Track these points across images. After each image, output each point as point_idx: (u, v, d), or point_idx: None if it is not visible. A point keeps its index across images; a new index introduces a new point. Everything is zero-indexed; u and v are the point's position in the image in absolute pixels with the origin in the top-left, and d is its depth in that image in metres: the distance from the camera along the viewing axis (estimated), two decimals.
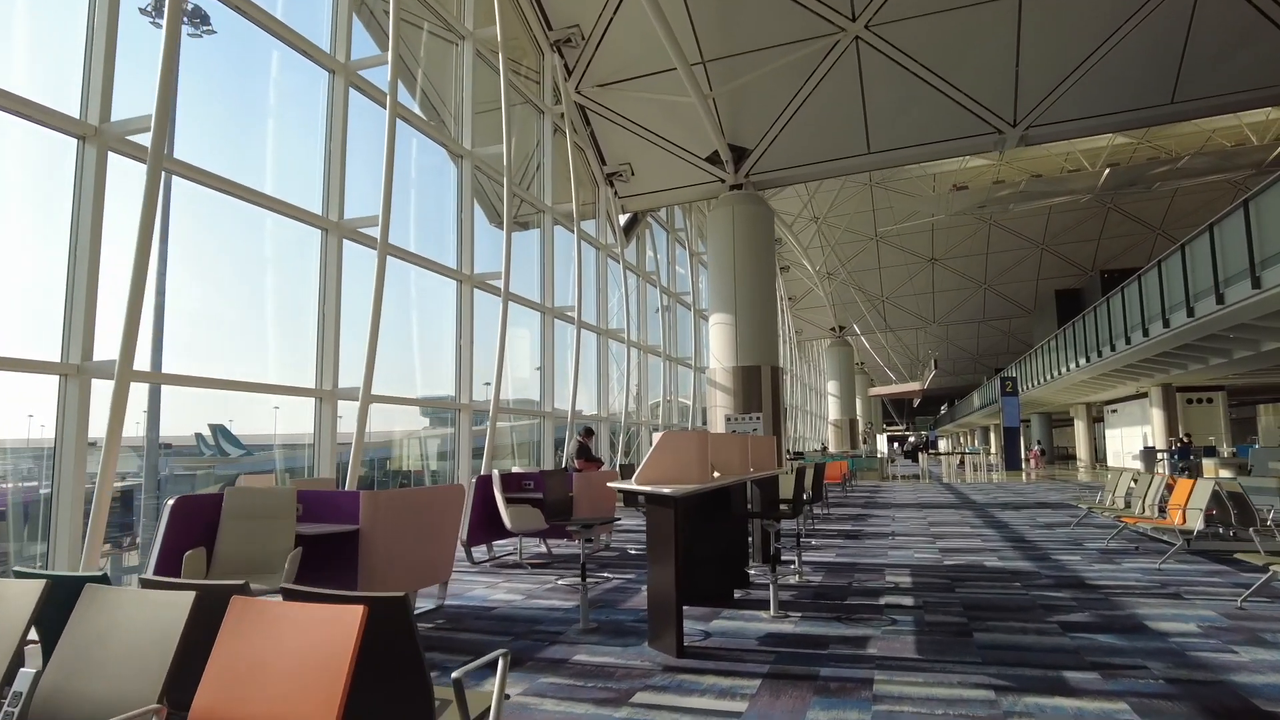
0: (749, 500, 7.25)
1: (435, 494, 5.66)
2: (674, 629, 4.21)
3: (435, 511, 5.58)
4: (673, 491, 4.13)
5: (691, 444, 4.69)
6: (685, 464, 4.62)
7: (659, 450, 4.57)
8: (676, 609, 4.21)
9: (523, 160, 13.31)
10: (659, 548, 4.31)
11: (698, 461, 4.67)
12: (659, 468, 4.56)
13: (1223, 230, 12.29)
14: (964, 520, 11.39)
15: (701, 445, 4.72)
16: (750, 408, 14.72)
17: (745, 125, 15.07)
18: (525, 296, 12.08)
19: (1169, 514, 7.50)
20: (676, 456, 4.61)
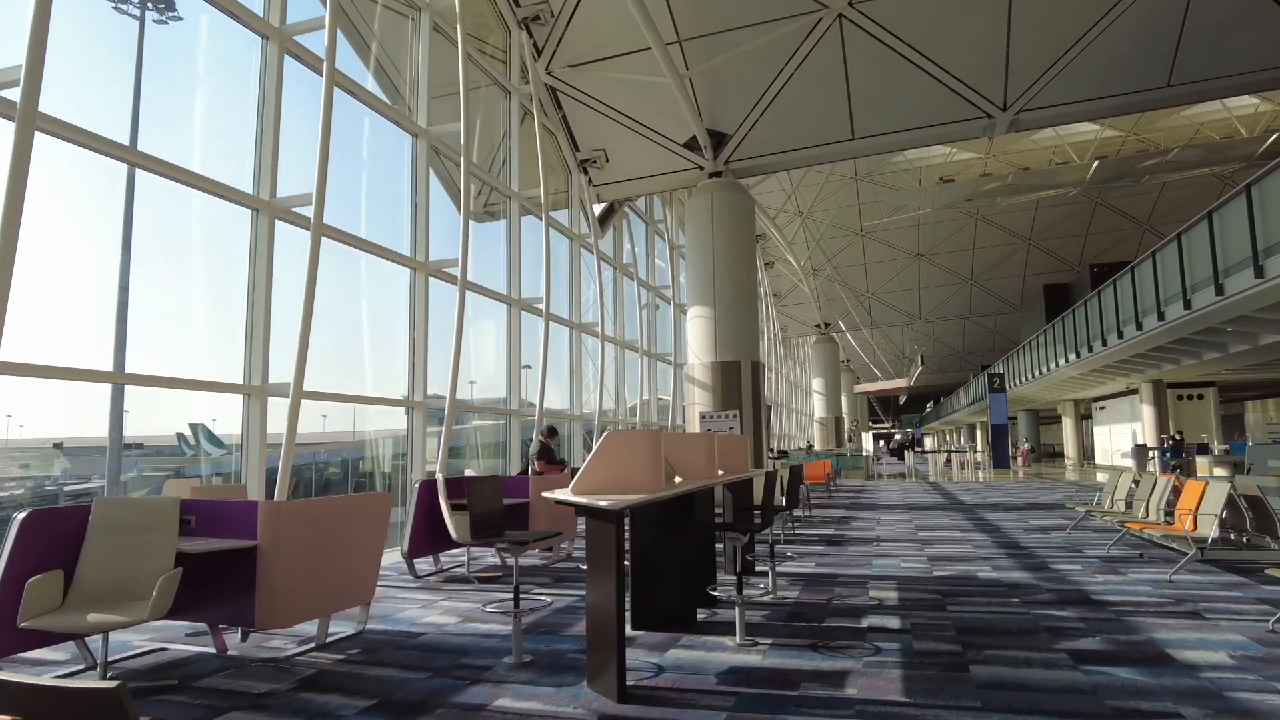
0: (722, 506, 6.57)
1: (354, 503, 4.94)
2: (615, 667, 3.51)
3: (354, 523, 4.86)
4: (610, 504, 3.43)
5: (641, 446, 3.99)
6: (633, 470, 3.93)
7: (601, 454, 3.87)
8: (617, 644, 3.52)
9: (489, 145, 12.56)
10: (598, 570, 3.61)
11: (648, 466, 3.97)
12: (601, 474, 3.86)
13: (1222, 218, 11.72)
14: (953, 523, 10.76)
15: (653, 448, 4.02)
16: (729, 405, 14.06)
17: (724, 109, 14.38)
18: (491, 288, 11.35)
19: (1177, 519, 6.87)
20: (623, 461, 3.91)
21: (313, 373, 8.82)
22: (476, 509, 4.26)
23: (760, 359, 15.12)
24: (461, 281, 9.64)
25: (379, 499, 5.08)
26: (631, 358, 17.49)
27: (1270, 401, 35.65)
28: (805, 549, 8.43)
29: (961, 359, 50.74)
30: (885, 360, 49.75)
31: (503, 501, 4.61)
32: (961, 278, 39.05)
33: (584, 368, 14.91)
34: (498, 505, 4.46)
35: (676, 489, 4.28)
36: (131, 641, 4.71)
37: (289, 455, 7.02)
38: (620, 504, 3.45)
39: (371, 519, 5.01)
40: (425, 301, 9.63)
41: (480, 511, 4.27)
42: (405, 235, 9.88)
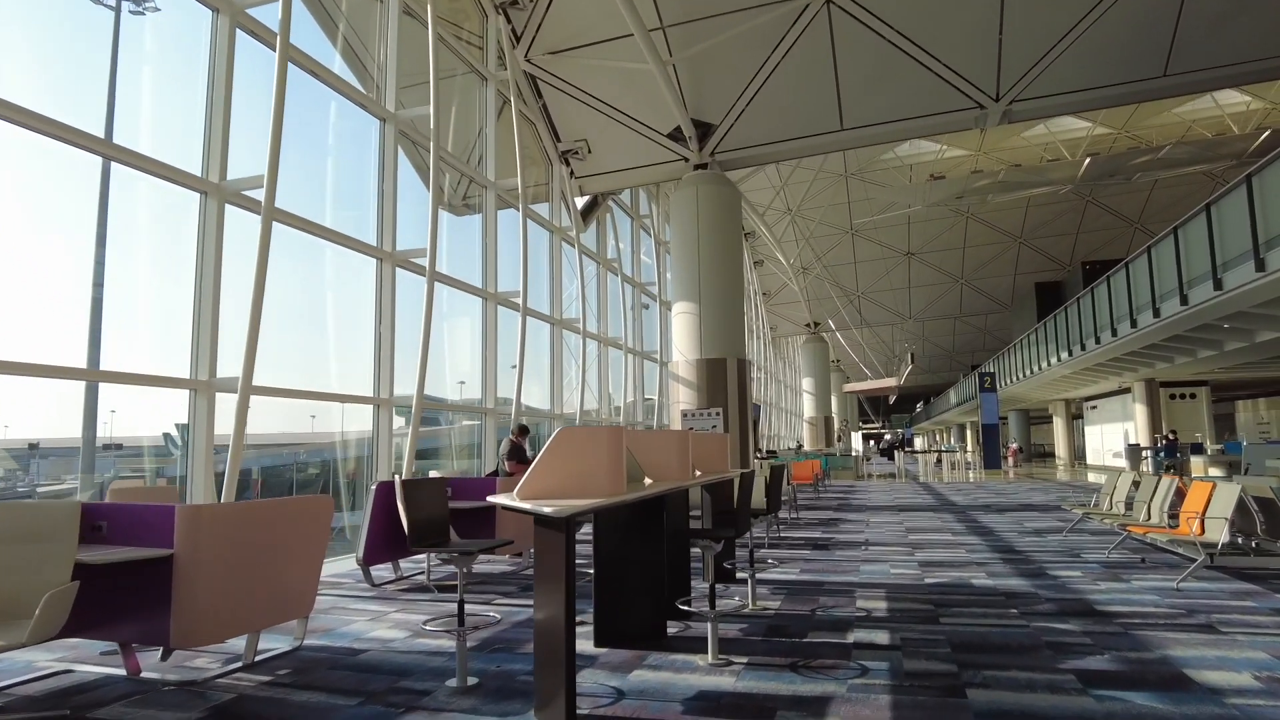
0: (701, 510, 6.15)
1: (289, 507, 4.48)
2: (563, 695, 3.07)
3: (289, 529, 4.40)
4: (556, 510, 2.99)
5: (599, 445, 3.55)
6: (590, 471, 3.49)
7: (552, 453, 3.43)
8: (566, 668, 3.08)
9: (466, 134, 12.10)
10: (545, 585, 3.17)
11: (608, 467, 3.53)
12: (552, 476, 3.41)
13: (1221, 211, 11.37)
14: (944, 526, 10.36)
15: (613, 446, 3.58)
16: (715, 403, 13.64)
17: (710, 99, 13.97)
18: (465, 281, 10.88)
19: (1182, 522, 6.49)
20: (578, 461, 3.47)
21: (273, 368, 8.36)
22: (414, 514, 3.81)
23: (747, 356, 14.71)
24: (430, 272, 9.19)
25: (318, 502, 4.62)
26: (617, 356, 17.06)
27: (1261, 401, 35.50)
28: (790, 553, 8.01)
29: (951, 359, 50.54)
30: (875, 360, 49.52)
31: (448, 506, 4.15)
32: (952, 276, 38.78)
33: (567, 366, 14.46)
34: (440, 510, 4.01)
35: (643, 491, 3.85)
36: (36, 662, 4.24)
37: (237, 455, 6.56)
38: (569, 510, 3.01)
39: (310, 524, 4.56)
40: (392, 293, 9.16)
41: (419, 517, 3.81)
42: (373, 224, 9.41)
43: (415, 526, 3.75)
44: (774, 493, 5.52)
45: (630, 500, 3.58)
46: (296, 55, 7.81)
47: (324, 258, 9.25)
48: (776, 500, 5.64)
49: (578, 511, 3.03)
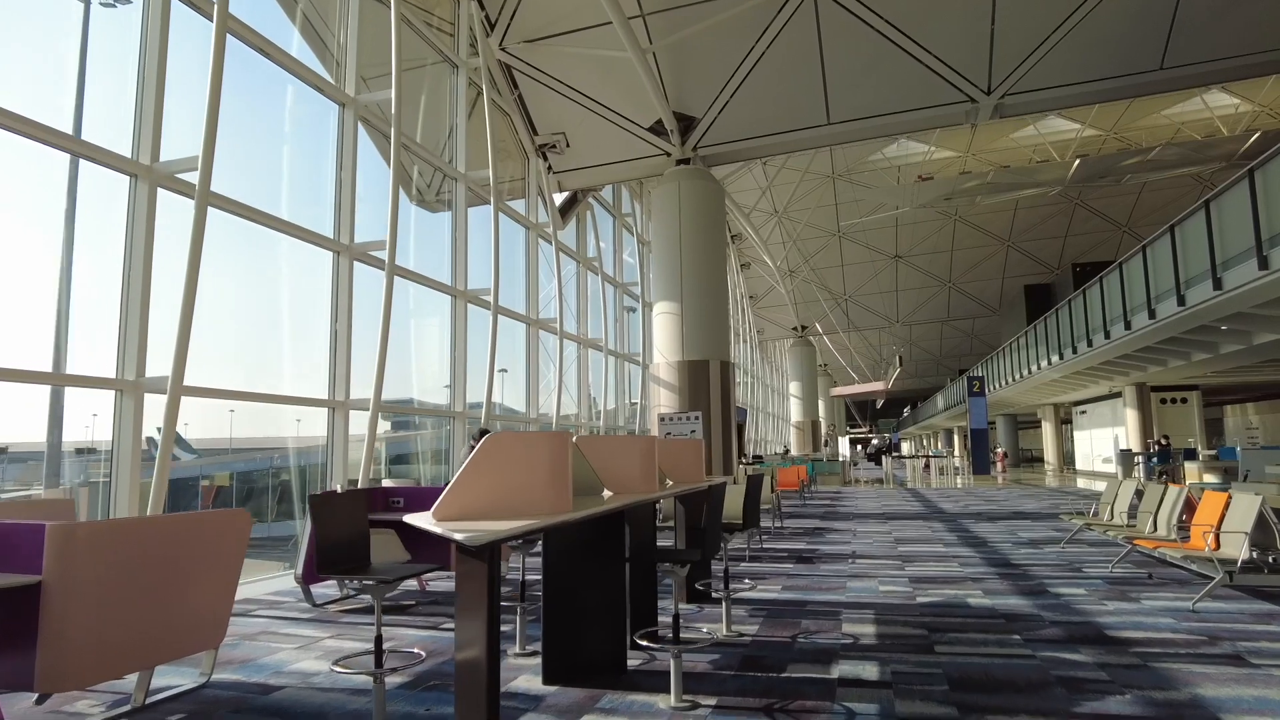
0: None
1: (194, 524, 3.90)
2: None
3: (193, 549, 3.82)
4: (470, 538, 2.43)
5: (538, 455, 3.00)
6: (527, 485, 2.94)
7: (478, 465, 2.88)
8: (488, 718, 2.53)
9: (437, 124, 11.53)
10: (466, 622, 2.61)
11: (549, 480, 2.99)
12: (478, 491, 2.86)
13: (1221, 208, 10.95)
14: (935, 536, 9.86)
15: (555, 457, 3.03)
16: (697, 407, 13.11)
17: (692, 91, 13.46)
18: (432, 277, 10.31)
19: (1193, 535, 6.00)
20: (512, 474, 2.92)
21: (221, 368, 7.78)
22: (325, 534, 3.24)
23: (730, 359, 14.20)
24: (389, 265, 8.62)
25: (231, 517, 4.04)
26: (599, 358, 16.51)
27: (1250, 406, 35.30)
28: (772, 568, 7.48)
29: (939, 363, 50.27)
30: (863, 364, 49.12)
31: (367, 522, 3.58)
32: (940, 280, 38.45)
33: (546, 368, 13.89)
34: (356, 529, 3.44)
35: (595, 508, 3.30)
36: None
37: (164, 464, 5.98)
38: (489, 535, 2.45)
39: (222, 542, 3.98)
40: (349, 289, 8.58)
41: (330, 538, 3.24)
42: (347, 217, 8.82)
43: (324, 549, 3.18)
44: (751, 506, 4.98)
45: (576, 520, 3.03)
46: (240, 29, 7.24)
47: (279, 251, 8.67)
48: (754, 514, 5.09)
49: (503, 536, 2.48)
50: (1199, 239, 11.42)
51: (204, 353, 7.86)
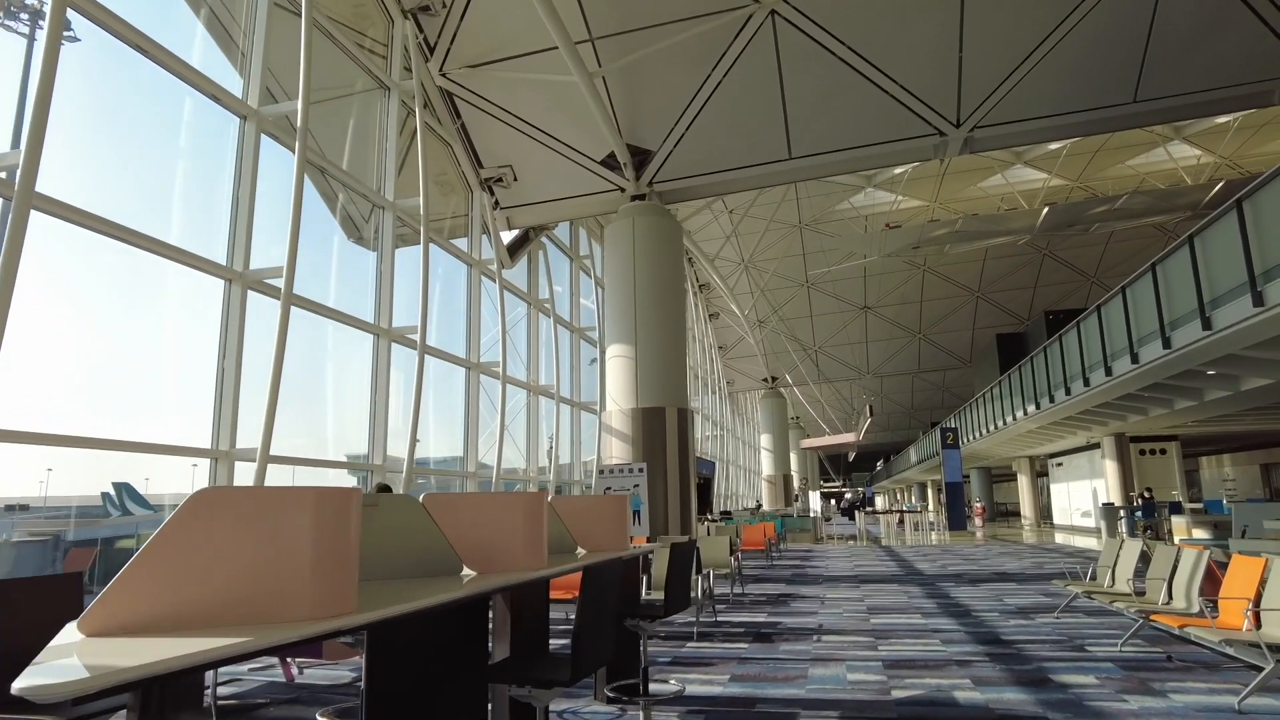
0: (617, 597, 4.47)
1: None
2: None
3: None
4: (37, 689, 1.32)
5: (286, 522, 1.89)
6: (269, 573, 1.83)
7: (164, 542, 1.76)
8: None
9: (368, 151, 10.58)
10: None
11: (315, 562, 1.88)
12: (166, 584, 1.75)
13: (1207, 243, 10.23)
14: (912, 603, 8.75)
15: (327, 524, 1.93)
16: (653, 457, 12.02)
17: (646, 122, 12.69)
18: (350, 314, 9.22)
19: (1222, 610, 4.98)
20: (237, 555, 1.81)
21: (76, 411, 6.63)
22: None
23: (689, 405, 13.16)
24: (285, 294, 7.51)
25: None
26: (558, 408, 15.38)
27: (1226, 457, 34.86)
28: (723, 649, 6.32)
29: (910, 416, 49.69)
30: (835, 417, 48.34)
31: None
32: (909, 331, 38.04)
33: (490, 417, 12.72)
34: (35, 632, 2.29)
35: (392, 608, 2.19)
36: None
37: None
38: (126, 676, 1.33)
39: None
40: (240, 321, 7.46)
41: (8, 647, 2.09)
42: (260, 247, 7.75)
43: None
44: (677, 583, 3.86)
45: (352, 628, 1.92)
46: (108, 19, 6.24)
47: (165, 280, 7.56)
48: (681, 594, 3.97)
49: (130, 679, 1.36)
50: (1184, 277, 10.68)
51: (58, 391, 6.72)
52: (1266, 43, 11.38)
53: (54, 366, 6.69)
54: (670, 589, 3.73)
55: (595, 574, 2.73)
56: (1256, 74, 11.76)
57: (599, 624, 2.71)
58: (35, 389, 6.33)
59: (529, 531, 3.22)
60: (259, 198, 7.79)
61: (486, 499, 3.40)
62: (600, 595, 2.72)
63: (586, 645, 2.57)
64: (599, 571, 2.73)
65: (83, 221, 5.83)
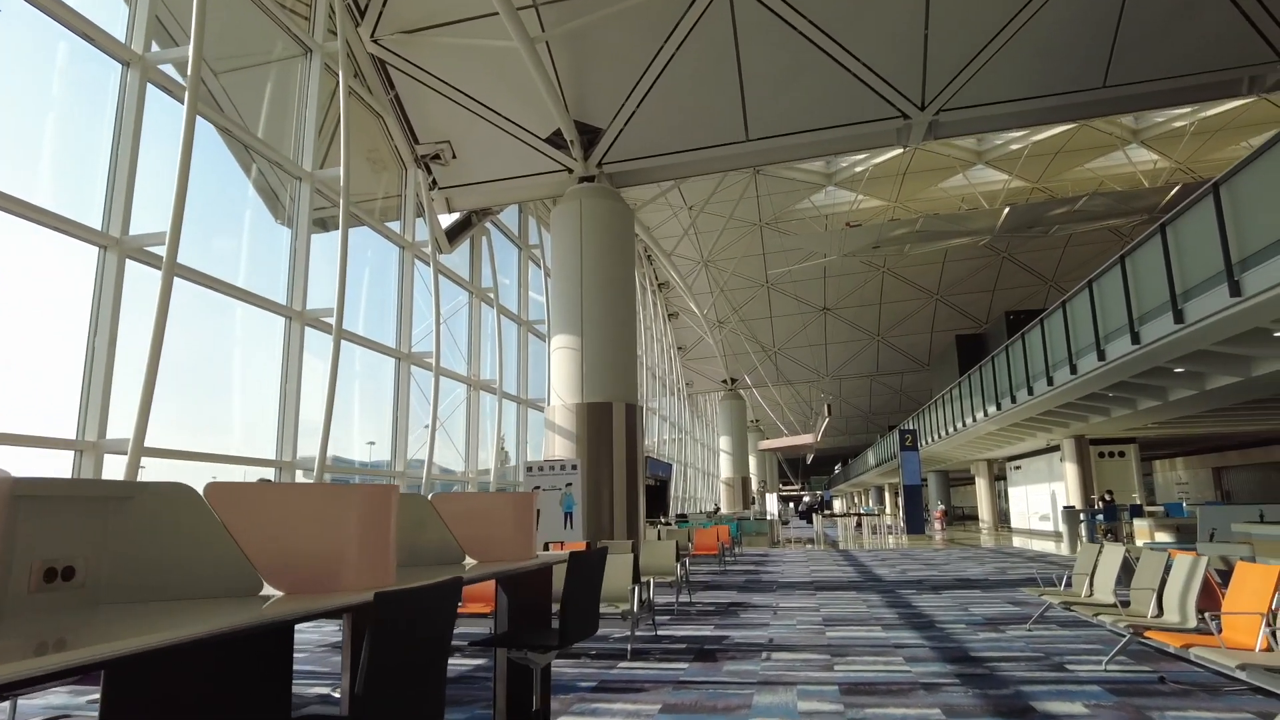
0: (504, 615, 3.65)
1: None
2: None
3: None
4: None
5: None
6: None
7: None
8: None
9: (283, 115, 9.61)
10: None
11: None
12: None
13: (1179, 232, 9.75)
14: (872, 614, 8.05)
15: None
16: (599, 455, 11.23)
17: (595, 98, 11.89)
18: (257, 292, 8.26)
19: (1226, 626, 4.33)
20: None
21: None
22: None
23: (639, 402, 12.39)
24: (168, 263, 6.55)
25: None
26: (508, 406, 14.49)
27: (1179, 460, 35.14)
28: (658, 670, 5.52)
29: (868, 420, 49.56)
30: (794, 419, 48.00)
31: None
32: (869, 333, 37.80)
33: (424, 413, 11.78)
34: None
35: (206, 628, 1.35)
36: None
37: None
38: None
39: None
40: (116, 294, 6.49)
41: None
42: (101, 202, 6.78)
43: None
44: (577, 605, 3.02)
45: None
46: None
47: (32, 247, 6.56)
48: (583, 618, 3.12)
49: None
50: (1155, 269, 10.19)
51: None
52: (1237, 29, 11.00)
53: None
54: (568, 611, 2.90)
55: (421, 597, 1.92)
56: (1226, 61, 11.38)
57: (403, 668, 1.88)
58: None
59: (370, 535, 2.39)
60: (160, 164, 6.84)
61: (314, 492, 2.56)
62: (404, 626, 1.90)
63: (384, 687, 1.74)
64: (406, 600, 1.90)
65: None
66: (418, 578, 2.93)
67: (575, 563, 2.97)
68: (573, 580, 2.93)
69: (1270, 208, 7.94)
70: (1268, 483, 29.54)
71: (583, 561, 3.02)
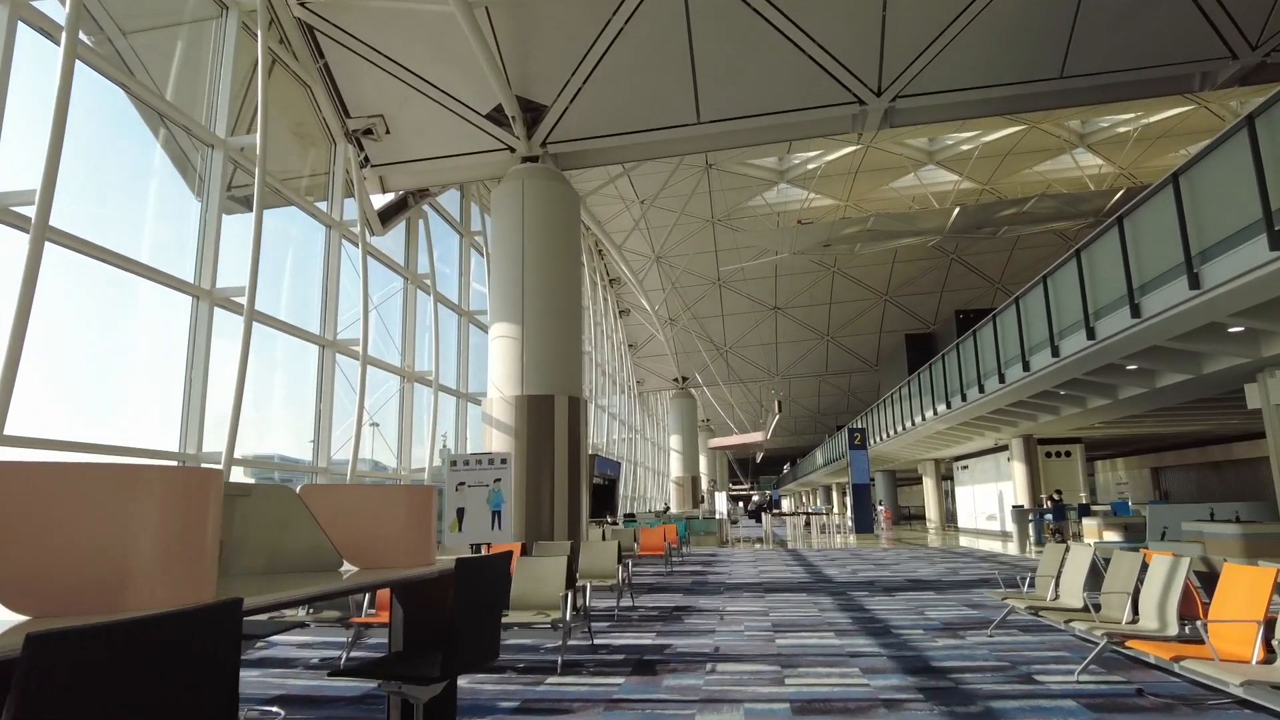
0: (399, 634, 3.02)
1: None
2: None
3: None
4: None
5: None
6: None
7: None
8: None
9: (195, 76, 8.78)
10: None
11: None
12: None
13: (1137, 225, 9.52)
14: (823, 619, 7.59)
15: None
16: (540, 451, 10.62)
17: (539, 73, 11.25)
18: (154, 266, 7.44)
19: (1212, 635, 3.91)
20: None
21: None
22: None
23: (584, 395, 11.80)
24: (37, 226, 5.74)
25: None
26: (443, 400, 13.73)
27: (1119, 460, 35.80)
28: (590, 687, 4.94)
29: (817, 420, 49.70)
30: (744, 418, 47.88)
31: None
32: (818, 333, 37.79)
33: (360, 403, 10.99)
34: None
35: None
36: None
37: None
38: None
39: None
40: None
41: None
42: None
43: None
44: (472, 626, 2.39)
45: None
46: None
47: None
48: (477, 641, 2.50)
49: None
50: (1112, 263, 9.97)
51: None
52: (1193, 24, 10.88)
53: None
54: (457, 633, 2.28)
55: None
56: (1181, 56, 11.28)
57: None
58: None
59: (177, 545, 1.75)
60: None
61: (81, 475, 1.91)
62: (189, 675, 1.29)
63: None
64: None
65: None
66: (276, 587, 2.32)
67: (466, 572, 2.36)
68: (464, 594, 2.33)
69: (1232, 198, 7.70)
70: (1202, 482, 30.22)
71: (476, 570, 2.42)
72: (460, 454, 9.71)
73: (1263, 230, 7.06)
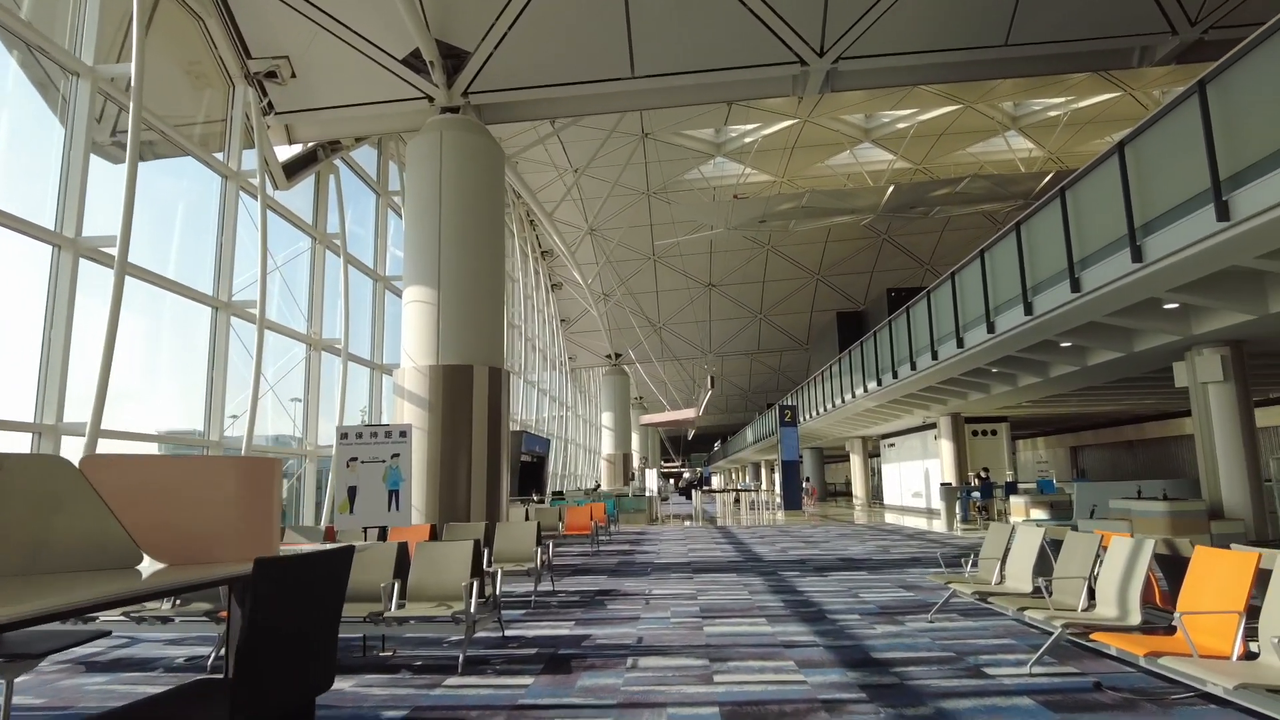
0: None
1: None
2: None
3: None
4: None
5: None
6: None
7: None
8: None
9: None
10: None
11: None
12: None
13: (1078, 196, 9.28)
14: (754, 603, 7.14)
15: None
16: (457, 425, 9.90)
17: (462, 15, 10.37)
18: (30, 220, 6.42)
19: (1188, 627, 3.53)
20: None
21: None
22: None
23: (507, 366, 11.09)
24: None
25: None
26: (358, 372, 12.81)
27: (1040, 440, 36.81)
28: (494, 689, 4.33)
29: (747, 399, 49.86)
30: (678, 396, 47.69)
31: None
32: (751, 311, 37.72)
33: (256, 370, 10.02)
34: None
35: None
36: None
37: None
38: None
39: None
40: None
41: None
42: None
43: None
44: (275, 650, 1.73)
45: None
46: None
47: None
48: (297, 667, 1.86)
49: None
50: (1052, 235, 9.73)
51: None
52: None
53: None
54: (257, 671, 1.61)
55: None
56: (1123, 29, 11.10)
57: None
58: None
59: None
60: None
61: None
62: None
63: None
64: None
65: None
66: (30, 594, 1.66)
67: (264, 575, 1.67)
68: (261, 614, 1.65)
69: (1179, 169, 7.44)
70: (1116, 460, 31.26)
71: (287, 571, 1.74)
72: (351, 425, 8.87)
73: (1210, 201, 6.80)
